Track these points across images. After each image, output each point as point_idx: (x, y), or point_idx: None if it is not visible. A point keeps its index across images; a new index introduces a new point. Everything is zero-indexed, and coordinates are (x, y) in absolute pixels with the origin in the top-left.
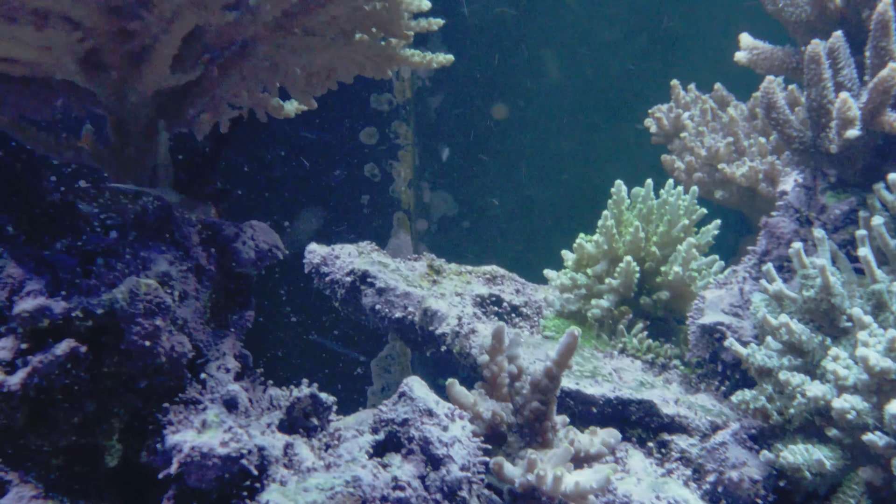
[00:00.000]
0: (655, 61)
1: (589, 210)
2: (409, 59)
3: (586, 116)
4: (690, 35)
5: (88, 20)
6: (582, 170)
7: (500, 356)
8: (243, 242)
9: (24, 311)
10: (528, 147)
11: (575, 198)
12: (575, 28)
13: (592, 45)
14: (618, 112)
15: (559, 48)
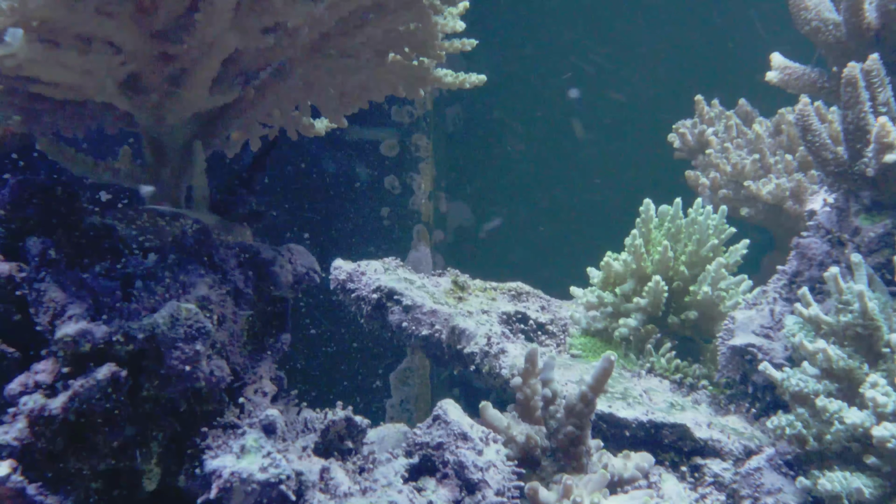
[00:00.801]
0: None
1: (606, 220)
2: (441, 80)
3: (606, 126)
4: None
5: (130, 44)
6: (600, 181)
7: (533, 379)
8: (281, 266)
9: (65, 336)
10: (546, 157)
11: (593, 208)
12: (595, 38)
13: (613, 56)
14: (638, 124)
15: (579, 59)
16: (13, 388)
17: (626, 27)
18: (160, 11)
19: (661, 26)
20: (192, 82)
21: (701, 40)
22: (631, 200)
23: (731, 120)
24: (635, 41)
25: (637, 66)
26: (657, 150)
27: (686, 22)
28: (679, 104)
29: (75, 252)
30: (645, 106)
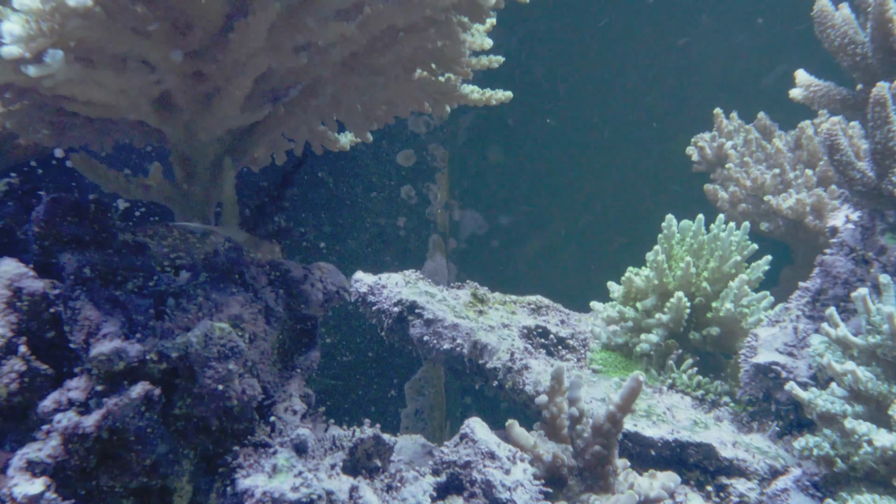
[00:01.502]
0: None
1: (619, 229)
2: (468, 97)
3: (618, 136)
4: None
5: (164, 63)
6: (612, 191)
7: (559, 397)
8: (311, 284)
9: (100, 354)
10: (559, 166)
11: (606, 217)
12: (609, 49)
13: (627, 66)
14: (649, 135)
15: (593, 68)
16: (47, 405)
17: (641, 38)
18: (195, 31)
19: (675, 36)
20: (225, 101)
21: (715, 52)
22: (644, 209)
23: (751, 134)
24: (649, 52)
25: (651, 77)
26: (672, 160)
27: (699, 33)
28: (694, 114)
29: (108, 269)
30: (659, 116)
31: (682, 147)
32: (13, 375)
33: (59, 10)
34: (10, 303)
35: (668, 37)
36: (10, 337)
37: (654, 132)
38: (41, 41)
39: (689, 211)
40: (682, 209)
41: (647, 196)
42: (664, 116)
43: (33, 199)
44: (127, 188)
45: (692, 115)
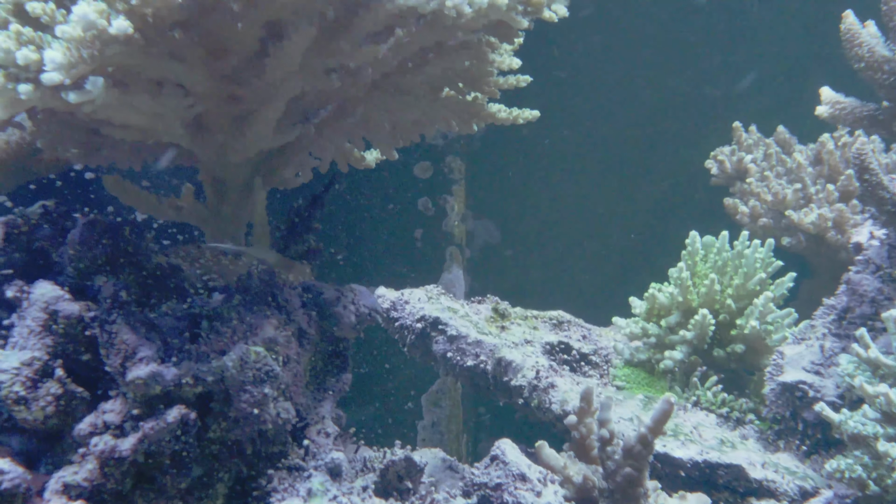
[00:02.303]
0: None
1: (633, 239)
2: (495, 116)
3: (636, 148)
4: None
5: (200, 87)
6: (628, 202)
7: (588, 418)
8: (344, 306)
9: (137, 379)
10: (573, 175)
11: (620, 227)
12: (628, 61)
13: (645, 78)
14: (667, 148)
15: (611, 79)
16: (83, 428)
17: (655, 53)
18: (231, 56)
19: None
20: (258, 123)
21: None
22: (658, 219)
23: (771, 148)
24: (666, 65)
25: (666, 88)
26: (691, 174)
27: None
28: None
29: (142, 291)
30: (674, 128)
31: (700, 160)
32: (49, 398)
33: (99, 38)
34: (47, 325)
35: (686, 47)
36: (46, 360)
37: (671, 146)
38: (81, 68)
39: (706, 223)
40: (699, 222)
41: (663, 206)
42: (682, 130)
43: (68, 222)
44: (159, 209)
45: (711, 129)
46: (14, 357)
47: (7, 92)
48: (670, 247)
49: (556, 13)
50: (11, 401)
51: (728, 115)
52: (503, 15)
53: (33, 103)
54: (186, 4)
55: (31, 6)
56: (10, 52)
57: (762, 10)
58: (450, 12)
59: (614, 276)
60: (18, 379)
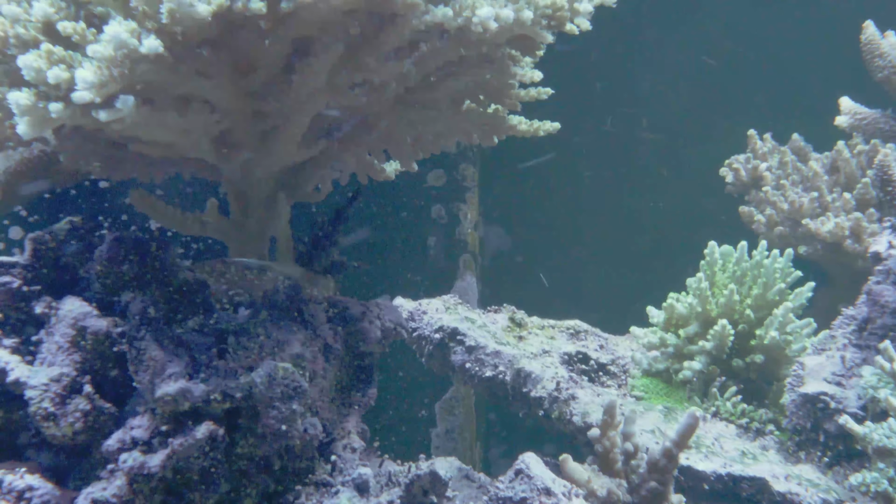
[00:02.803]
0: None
1: (645, 244)
2: (516, 128)
3: (649, 155)
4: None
5: (226, 103)
6: (639, 207)
7: (612, 431)
8: (370, 321)
9: (166, 395)
10: (585, 181)
11: (631, 233)
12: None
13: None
14: (681, 154)
15: (627, 85)
16: (111, 444)
17: (676, 60)
18: (258, 72)
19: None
20: (283, 138)
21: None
22: (670, 227)
23: (787, 156)
24: (686, 72)
25: (684, 96)
26: (704, 181)
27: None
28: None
29: (169, 307)
30: (686, 134)
31: (712, 167)
32: (78, 414)
33: (130, 56)
34: (75, 342)
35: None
36: (74, 376)
37: (685, 152)
38: (112, 86)
39: (719, 231)
40: (712, 230)
41: (676, 214)
42: (696, 137)
43: (95, 238)
44: (184, 224)
45: (725, 136)
46: (43, 373)
47: (38, 110)
48: (682, 255)
49: (578, 27)
50: (41, 417)
51: (741, 125)
52: (528, 30)
53: (63, 121)
54: (215, 23)
55: (63, 25)
56: (41, 72)
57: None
58: (476, 28)
59: (625, 283)
60: (47, 395)
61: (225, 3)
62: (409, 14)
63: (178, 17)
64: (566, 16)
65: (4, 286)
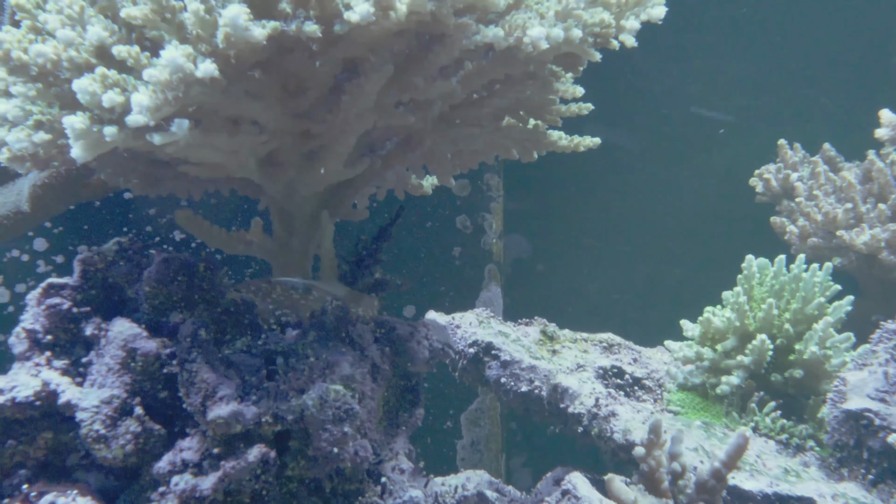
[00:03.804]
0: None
1: (663, 253)
2: (556, 143)
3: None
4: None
5: (274, 124)
6: (656, 216)
7: (657, 450)
8: (418, 342)
9: (218, 418)
10: (604, 190)
11: (649, 241)
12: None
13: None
14: (706, 165)
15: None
16: (162, 466)
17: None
18: (307, 93)
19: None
20: (329, 158)
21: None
22: (692, 239)
23: (819, 166)
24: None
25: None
26: (730, 190)
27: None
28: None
29: (217, 328)
30: (703, 142)
31: (739, 176)
32: (129, 437)
33: (184, 80)
34: (125, 363)
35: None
36: (124, 398)
37: (712, 162)
38: (166, 110)
39: (745, 242)
40: (737, 240)
41: (698, 225)
42: (725, 147)
43: (144, 258)
44: (229, 244)
45: (752, 146)
46: (94, 395)
47: (92, 134)
48: (704, 266)
49: (623, 43)
50: (92, 439)
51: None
52: (576, 48)
53: (116, 144)
54: (268, 45)
55: (117, 49)
56: (95, 95)
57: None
58: (526, 48)
59: (646, 292)
60: (98, 417)
61: (279, 26)
62: (460, 34)
63: (234, 40)
64: (612, 33)
65: (55, 308)
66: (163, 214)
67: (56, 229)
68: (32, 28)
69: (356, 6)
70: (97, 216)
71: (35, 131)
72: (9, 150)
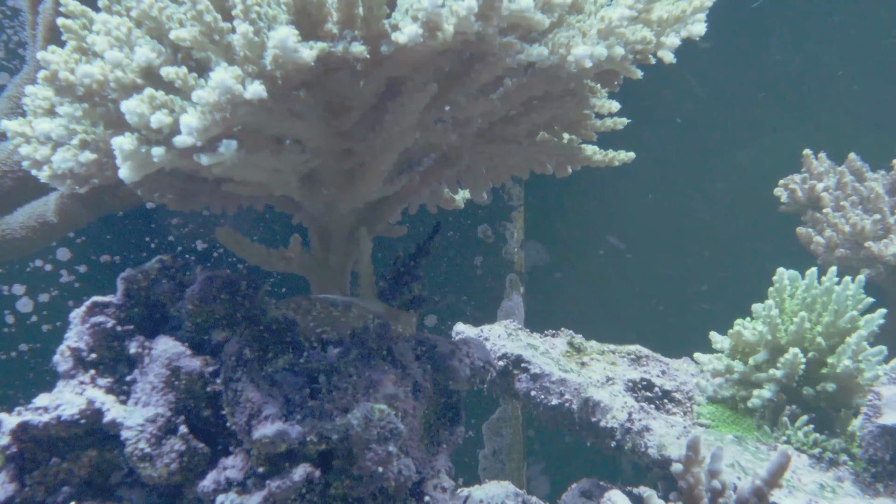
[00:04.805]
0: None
1: (680, 262)
2: (591, 158)
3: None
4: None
5: (316, 142)
6: (676, 227)
7: (696, 467)
8: (459, 360)
9: (264, 437)
10: (621, 199)
11: (664, 251)
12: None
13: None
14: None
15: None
16: (207, 485)
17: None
18: (351, 112)
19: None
20: (369, 175)
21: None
22: (710, 248)
23: (845, 177)
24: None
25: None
26: (746, 201)
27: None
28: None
29: (259, 346)
30: (719, 148)
31: (762, 184)
32: (173, 455)
33: (232, 101)
34: (169, 382)
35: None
36: (169, 416)
37: (730, 172)
38: (213, 130)
39: (763, 253)
40: (755, 251)
41: (716, 235)
42: (746, 157)
43: (186, 276)
44: (269, 261)
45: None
46: (139, 414)
47: (140, 155)
48: (721, 277)
49: (662, 59)
50: (137, 458)
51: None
52: (617, 65)
53: (163, 165)
54: (314, 66)
55: (166, 71)
56: (144, 116)
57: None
58: (570, 66)
59: (662, 300)
60: (143, 436)
61: (326, 47)
62: (504, 54)
63: (282, 62)
64: (650, 49)
65: (100, 326)
66: (185, 224)
67: (78, 239)
68: (77, 48)
69: (404, 27)
70: (119, 226)
71: (81, 151)
72: (49, 167)
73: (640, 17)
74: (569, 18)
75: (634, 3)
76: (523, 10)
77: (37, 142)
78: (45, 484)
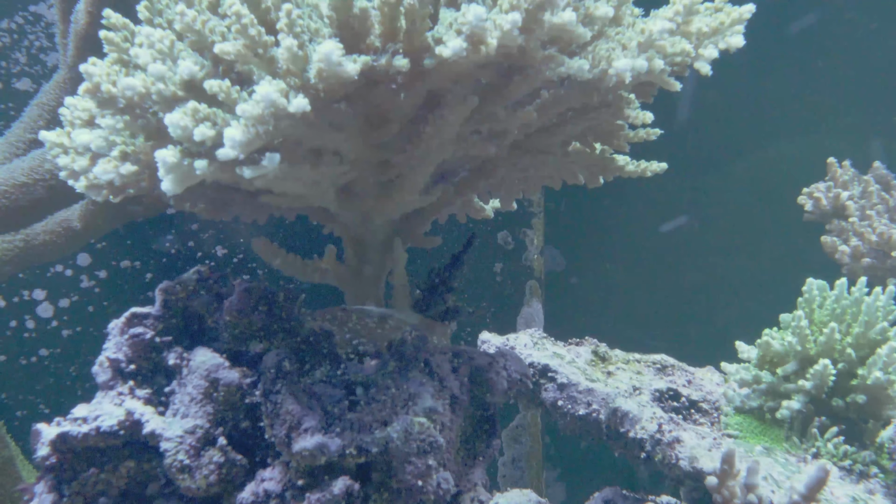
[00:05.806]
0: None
1: (695, 269)
2: (623, 169)
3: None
4: None
5: (355, 154)
6: (695, 234)
7: (731, 481)
8: (497, 373)
9: (304, 450)
10: (637, 204)
11: (680, 256)
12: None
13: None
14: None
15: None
16: (245, 497)
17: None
18: (390, 125)
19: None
20: (406, 187)
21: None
22: (729, 257)
23: (871, 185)
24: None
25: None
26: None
27: None
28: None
29: (297, 358)
30: (731, 153)
31: (784, 193)
32: (212, 467)
33: (276, 115)
34: (208, 393)
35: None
36: (207, 428)
37: (749, 175)
38: (256, 143)
39: (779, 262)
40: (768, 259)
41: (737, 243)
42: (763, 162)
43: (224, 288)
44: (304, 271)
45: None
46: (178, 425)
47: (183, 168)
48: (739, 284)
49: (699, 70)
50: (176, 469)
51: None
52: (656, 78)
53: (205, 177)
54: (357, 79)
55: (209, 84)
56: (187, 129)
57: None
58: (609, 80)
59: (679, 306)
60: (182, 447)
61: (370, 61)
62: (544, 66)
63: (325, 75)
64: (686, 62)
65: (139, 337)
66: (205, 230)
67: (99, 244)
68: (118, 60)
69: (448, 41)
70: (140, 231)
71: (122, 162)
72: (87, 178)
73: (679, 29)
74: (608, 31)
75: (674, 16)
76: (566, 24)
77: (75, 152)
78: (84, 495)
